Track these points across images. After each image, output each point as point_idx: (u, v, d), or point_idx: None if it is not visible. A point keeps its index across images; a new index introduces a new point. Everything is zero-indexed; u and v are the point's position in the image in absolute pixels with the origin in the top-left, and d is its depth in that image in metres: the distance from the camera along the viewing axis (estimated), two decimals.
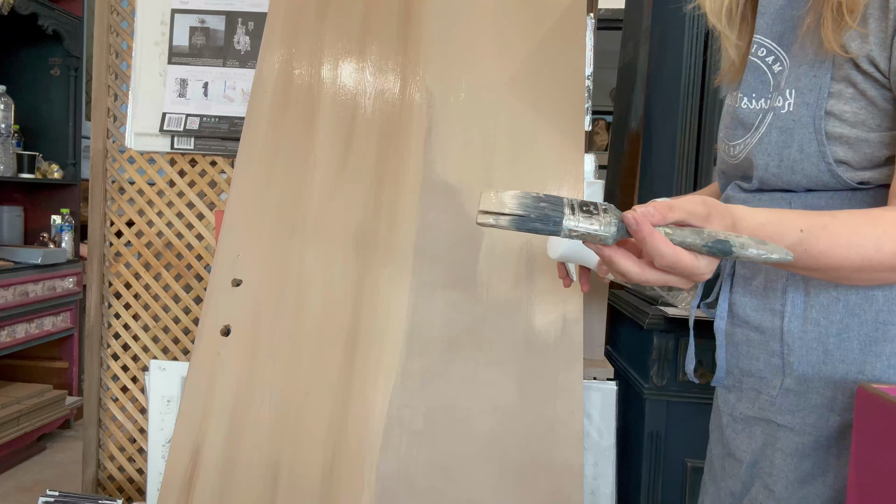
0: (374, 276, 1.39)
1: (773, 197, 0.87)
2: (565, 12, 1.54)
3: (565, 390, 1.29)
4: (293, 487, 1.27)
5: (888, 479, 0.70)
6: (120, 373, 2.05)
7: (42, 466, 2.78)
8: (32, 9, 2.81)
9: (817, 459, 0.84)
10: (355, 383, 1.32)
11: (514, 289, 1.36)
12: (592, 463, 1.50)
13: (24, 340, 2.78)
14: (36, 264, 2.78)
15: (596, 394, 1.51)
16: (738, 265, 0.94)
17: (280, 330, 1.37)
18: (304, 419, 1.31)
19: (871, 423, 0.74)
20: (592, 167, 1.71)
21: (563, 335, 1.32)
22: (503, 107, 1.45)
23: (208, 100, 1.94)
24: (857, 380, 0.82)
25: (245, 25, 1.95)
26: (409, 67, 1.54)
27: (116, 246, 2.04)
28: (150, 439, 1.78)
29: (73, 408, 3.03)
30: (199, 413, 1.33)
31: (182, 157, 1.98)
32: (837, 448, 0.83)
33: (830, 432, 0.83)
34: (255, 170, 1.50)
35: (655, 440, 1.52)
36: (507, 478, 1.25)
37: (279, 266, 1.42)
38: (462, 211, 1.41)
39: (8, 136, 2.81)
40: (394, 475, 1.26)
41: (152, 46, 1.98)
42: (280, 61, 1.57)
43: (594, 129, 3.53)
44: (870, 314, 0.80)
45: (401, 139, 1.48)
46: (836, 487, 0.83)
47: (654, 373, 1.52)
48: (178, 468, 1.31)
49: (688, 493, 1.52)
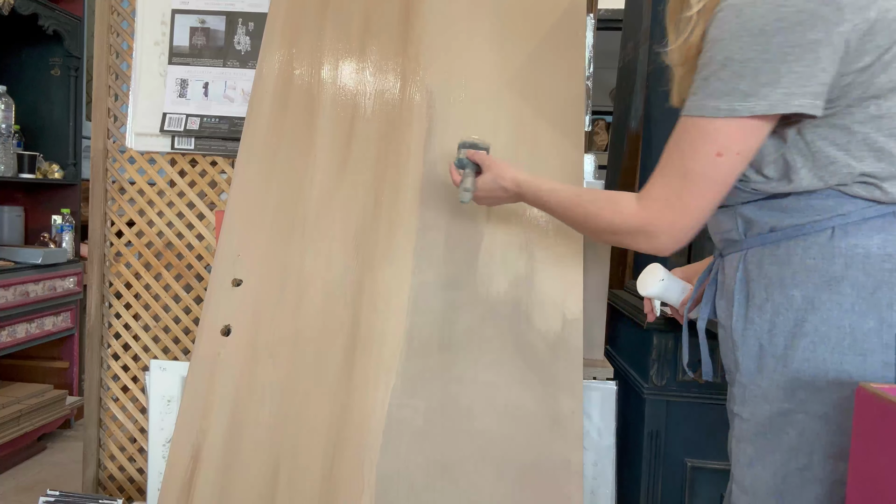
0: (374, 276, 1.39)
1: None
2: (565, 12, 1.54)
3: (565, 390, 1.29)
4: (293, 487, 1.27)
5: (887, 479, 0.70)
6: (120, 372, 2.05)
7: (42, 466, 2.78)
8: (33, 9, 2.81)
9: (757, 445, 0.94)
10: (355, 383, 1.32)
11: (514, 289, 1.36)
12: (592, 462, 1.50)
13: (24, 340, 2.78)
14: (36, 264, 2.78)
15: (596, 393, 1.51)
16: (718, 272, 1.05)
17: (280, 330, 1.37)
18: (304, 419, 1.31)
19: (871, 423, 0.74)
20: (592, 167, 1.71)
21: (562, 335, 1.32)
22: (503, 107, 1.45)
23: (209, 100, 1.95)
24: (783, 372, 0.91)
25: (245, 26, 1.95)
26: (409, 67, 1.54)
27: (117, 246, 2.04)
28: (151, 439, 1.78)
29: (73, 407, 3.03)
30: (200, 413, 1.34)
31: (182, 158, 1.99)
32: (772, 434, 0.92)
33: (765, 420, 0.93)
34: (255, 170, 1.50)
35: (655, 440, 1.52)
36: (507, 477, 1.25)
37: (279, 266, 1.42)
38: (462, 211, 1.41)
39: (8, 136, 2.81)
40: (394, 475, 1.26)
41: (153, 47, 1.98)
42: (280, 61, 1.57)
43: (594, 129, 3.53)
44: (791, 312, 0.90)
45: (401, 139, 1.49)
46: (773, 471, 0.92)
47: (653, 372, 1.52)
48: (178, 468, 1.31)
49: (687, 492, 1.52)
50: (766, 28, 0.83)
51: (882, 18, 0.83)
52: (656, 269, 1.19)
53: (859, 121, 0.87)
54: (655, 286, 1.18)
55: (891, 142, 0.86)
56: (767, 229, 0.94)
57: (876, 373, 0.86)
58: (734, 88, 0.85)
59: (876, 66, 0.85)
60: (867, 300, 0.86)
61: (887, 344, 0.86)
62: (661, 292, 1.19)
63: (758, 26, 0.83)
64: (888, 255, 0.86)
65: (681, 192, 0.91)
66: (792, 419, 0.90)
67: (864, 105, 0.86)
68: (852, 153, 0.87)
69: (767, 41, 0.83)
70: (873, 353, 0.86)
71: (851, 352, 0.87)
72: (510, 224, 1.40)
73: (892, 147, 0.86)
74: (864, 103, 0.86)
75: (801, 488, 0.90)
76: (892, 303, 0.86)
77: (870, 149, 0.87)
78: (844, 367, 0.87)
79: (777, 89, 0.84)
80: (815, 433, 0.88)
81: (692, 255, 1.58)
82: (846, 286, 0.87)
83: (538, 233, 1.39)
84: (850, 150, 0.87)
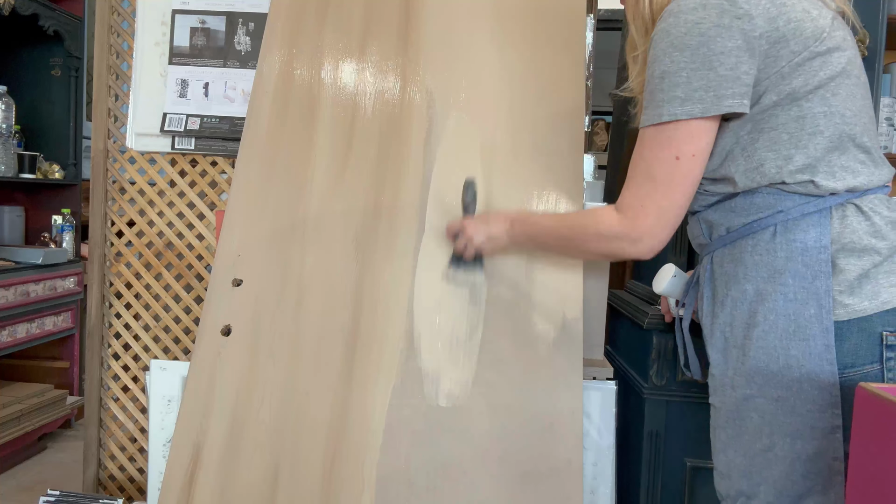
0: (374, 276, 1.39)
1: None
2: (565, 12, 1.55)
3: (565, 390, 1.29)
4: (293, 487, 1.27)
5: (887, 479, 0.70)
6: (121, 372, 2.05)
7: (43, 466, 2.78)
8: (33, 9, 2.81)
9: (728, 430, 1.03)
10: (355, 383, 1.32)
11: (514, 289, 1.36)
12: (592, 462, 1.50)
13: (25, 340, 2.78)
14: (37, 264, 2.78)
15: (595, 393, 1.51)
16: (699, 275, 1.13)
17: (280, 330, 1.37)
18: (304, 419, 1.31)
19: (871, 423, 0.74)
20: (592, 167, 1.71)
21: (562, 335, 1.32)
22: (503, 107, 1.45)
23: (209, 100, 1.95)
24: (743, 360, 1.00)
25: (245, 26, 1.95)
26: (409, 68, 1.54)
27: (117, 246, 2.05)
28: (151, 439, 1.78)
29: (73, 407, 3.03)
30: (200, 413, 1.34)
31: (183, 158, 1.99)
32: (739, 419, 1.01)
33: (732, 406, 1.02)
34: (255, 170, 1.50)
35: (655, 440, 1.52)
36: (507, 477, 1.25)
37: (279, 266, 1.42)
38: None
39: (9, 136, 2.81)
40: (394, 475, 1.26)
41: (153, 47, 1.98)
42: (280, 62, 1.57)
43: (594, 129, 3.53)
44: (745, 305, 1.00)
45: (401, 139, 1.49)
46: (743, 453, 1.01)
47: (653, 372, 1.52)
48: (178, 467, 1.31)
49: (687, 492, 1.52)
50: (689, 42, 0.95)
51: (793, 28, 0.95)
52: (669, 268, 1.26)
53: (783, 122, 0.97)
54: (666, 282, 1.25)
55: (815, 139, 0.96)
56: (724, 231, 1.04)
57: (819, 356, 0.94)
58: (673, 97, 0.96)
59: (792, 70, 0.96)
60: (807, 289, 0.95)
61: (827, 328, 0.94)
62: (672, 289, 1.26)
63: (683, 42, 0.95)
64: (823, 247, 0.95)
65: (652, 196, 1.01)
66: (753, 404, 0.99)
67: (787, 108, 0.96)
68: (781, 153, 0.97)
69: (693, 53, 0.94)
70: (815, 337, 0.95)
71: (796, 337, 0.95)
72: None
73: (816, 143, 0.96)
74: (786, 106, 0.96)
75: (766, 468, 0.98)
76: (829, 290, 0.94)
77: (796, 147, 0.97)
78: (791, 351, 0.96)
79: (708, 93, 0.95)
80: (772, 415, 0.97)
81: (694, 258, 1.58)
82: (788, 277, 0.96)
83: None
84: (778, 150, 0.97)
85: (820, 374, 0.94)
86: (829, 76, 0.96)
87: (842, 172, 0.97)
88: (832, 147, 0.97)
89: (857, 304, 0.95)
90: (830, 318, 0.94)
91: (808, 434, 0.95)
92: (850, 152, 0.97)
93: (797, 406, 0.95)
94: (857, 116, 0.98)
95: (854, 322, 0.94)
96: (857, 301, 0.95)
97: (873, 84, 1.74)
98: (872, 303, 0.94)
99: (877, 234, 0.96)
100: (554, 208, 1.41)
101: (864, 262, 0.95)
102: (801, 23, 0.95)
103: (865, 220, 0.96)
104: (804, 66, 0.95)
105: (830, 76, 0.96)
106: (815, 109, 0.96)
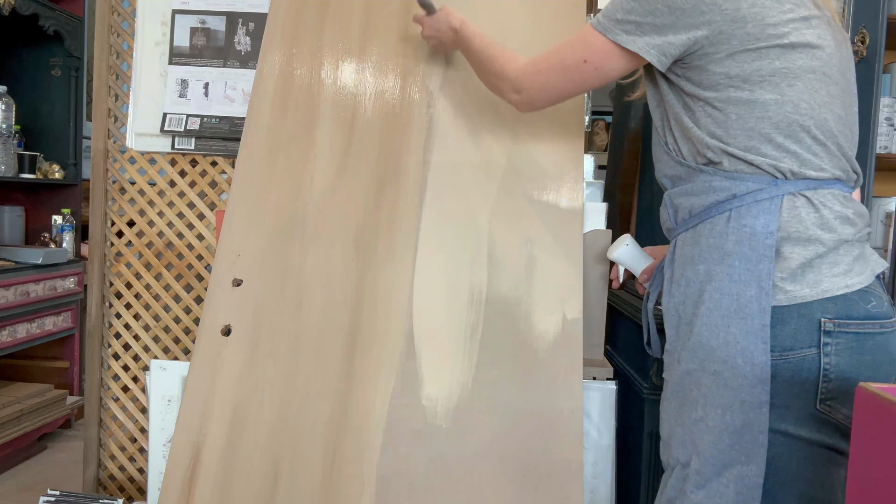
0: (374, 276, 1.39)
1: None
2: (565, 12, 1.55)
3: (565, 390, 1.29)
4: (293, 486, 1.27)
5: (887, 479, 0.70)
6: (121, 372, 2.05)
7: (43, 466, 2.78)
8: (33, 9, 2.81)
9: (672, 402, 1.08)
10: (355, 383, 1.32)
11: (514, 289, 1.36)
12: (592, 462, 1.50)
13: (25, 340, 2.78)
14: (37, 264, 2.78)
15: (595, 393, 1.51)
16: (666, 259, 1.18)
17: (280, 330, 1.37)
18: (304, 419, 1.31)
19: (871, 422, 0.74)
20: (592, 167, 1.71)
21: (562, 335, 1.32)
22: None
23: (209, 100, 1.95)
24: (690, 336, 1.03)
25: (246, 26, 1.95)
26: (409, 67, 1.54)
27: (117, 246, 2.05)
28: (151, 439, 1.78)
29: (73, 407, 3.04)
30: (200, 413, 1.34)
31: (183, 158, 1.99)
32: (683, 392, 1.05)
33: (678, 379, 1.06)
34: (255, 170, 1.50)
35: (655, 440, 1.52)
36: (507, 477, 1.25)
37: (279, 266, 1.42)
38: (462, 211, 1.41)
39: (9, 136, 2.81)
40: (394, 475, 1.26)
41: (153, 47, 1.98)
42: (280, 62, 1.58)
43: (594, 129, 3.53)
44: (696, 284, 1.04)
45: (401, 139, 1.49)
46: (682, 424, 1.05)
47: (653, 372, 1.52)
48: (178, 467, 1.31)
49: None
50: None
51: (755, 13, 0.99)
52: (625, 237, 1.32)
53: (734, 102, 1.01)
54: (618, 250, 1.31)
55: (762, 123, 1.01)
56: (687, 214, 1.09)
57: (755, 334, 0.98)
58: (614, 16, 1.07)
59: (745, 52, 1.00)
60: (751, 271, 0.99)
61: (764, 309, 0.98)
62: (623, 258, 1.31)
63: None
64: (770, 233, 0.99)
65: (551, 70, 1.15)
66: (695, 377, 1.03)
67: (738, 89, 1.01)
68: (728, 130, 1.02)
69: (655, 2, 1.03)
70: (753, 317, 0.99)
71: (736, 316, 0.99)
72: (510, 224, 1.40)
73: (762, 127, 1.01)
74: (738, 88, 1.01)
75: (699, 437, 1.02)
76: (770, 273, 0.99)
77: (743, 130, 1.01)
78: (731, 329, 1.00)
79: (636, 31, 1.04)
80: (708, 388, 1.01)
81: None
82: (735, 260, 1.01)
83: (538, 233, 1.39)
84: (728, 130, 1.02)
85: (754, 352, 0.98)
86: (787, 68, 1.00)
87: (788, 158, 1.01)
88: (780, 132, 1.01)
89: (797, 291, 0.99)
90: (769, 300, 0.98)
91: (738, 407, 0.99)
92: (803, 141, 1.01)
93: (730, 380, 0.99)
94: (815, 110, 1.01)
95: (794, 308, 0.99)
96: (798, 288, 0.99)
97: (873, 84, 1.74)
98: (813, 290, 0.98)
99: (824, 227, 1.00)
100: (554, 203, 1.41)
101: (808, 252, 0.99)
102: (766, 10, 0.99)
103: (815, 212, 1.00)
104: (761, 52, 0.99)
105: (789, 68, 1.00)
106: (765, 96, 1.00)
